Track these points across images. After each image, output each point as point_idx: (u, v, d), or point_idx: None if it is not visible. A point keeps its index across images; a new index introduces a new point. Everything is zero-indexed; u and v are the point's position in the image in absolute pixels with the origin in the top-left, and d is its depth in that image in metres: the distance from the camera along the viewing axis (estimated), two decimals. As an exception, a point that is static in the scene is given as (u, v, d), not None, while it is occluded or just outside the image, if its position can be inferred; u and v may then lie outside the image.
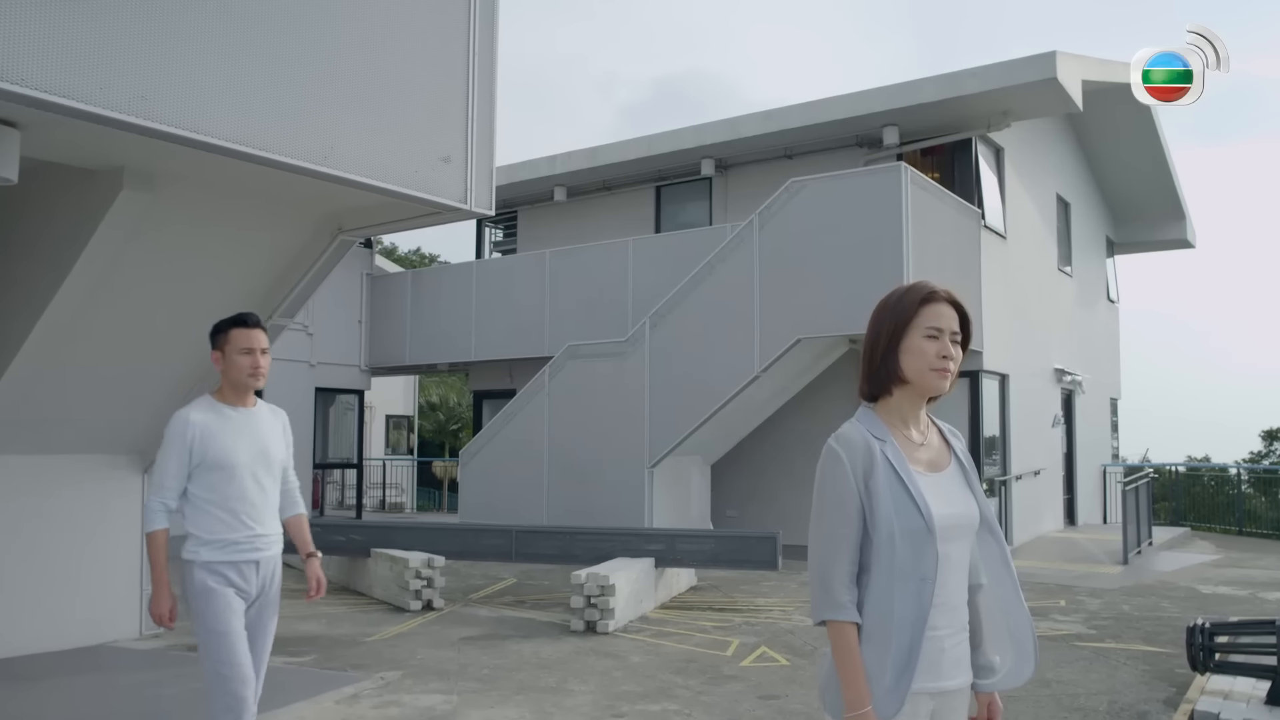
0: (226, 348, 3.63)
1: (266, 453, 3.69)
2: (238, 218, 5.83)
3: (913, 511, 2.09)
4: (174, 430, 3.56)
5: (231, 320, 3.67)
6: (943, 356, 2.16)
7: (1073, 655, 6.95)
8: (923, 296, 2.21)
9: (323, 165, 4.66)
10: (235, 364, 3.61)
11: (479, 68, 5.40)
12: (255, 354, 3.62)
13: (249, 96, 4.40)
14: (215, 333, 3.69)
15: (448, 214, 5.53)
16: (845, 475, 2.12)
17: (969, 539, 2.20)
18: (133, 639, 7.19)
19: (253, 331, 3.65)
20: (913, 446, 2.20)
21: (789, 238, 11.04)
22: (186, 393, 6.89)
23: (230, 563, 3.58)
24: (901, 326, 2.18)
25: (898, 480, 2.11)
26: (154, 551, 3.58)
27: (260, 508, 3.66)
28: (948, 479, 2.21)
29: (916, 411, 2.25)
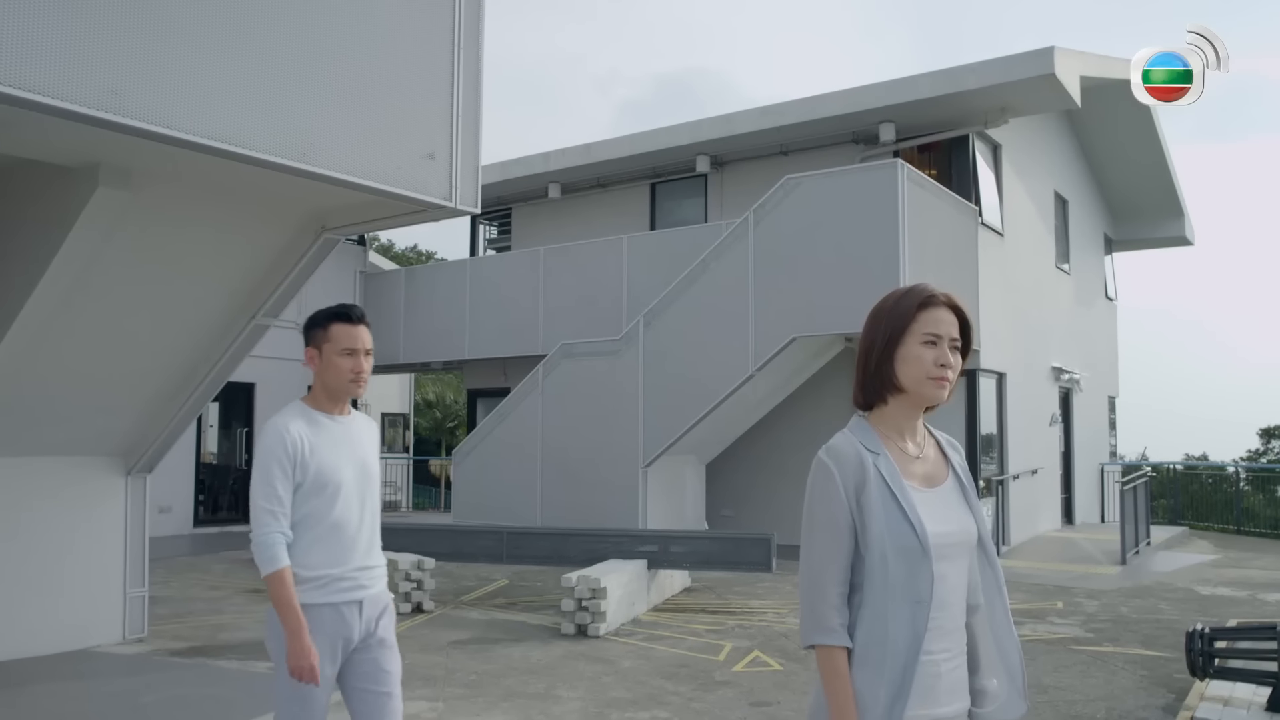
0: (325, 346, 3.04)
1: (368, 469, 3.15)
2: (218, 216, 5.71)
3: (906, 529, 1.97)
4: (271, 442, 2.93)
5: (332, 313, 3.07)
6: (941, 364, 2.05)
7: (1070, 660, 6.85)
8: (921, 300, 2.09)
9: (301, 162, 4.55)
10: (335, 367, 3.02)
11: (464, 62, 5.29)
12: (359, 355, 3.04)
13: (225, 92, 4.29)
14: (312, 327, 3.11)
15: (433, 212, 5.42)
16: (836, 490, 2.00)
17: (967, 558, 2.09)
18: (116, 644, 7.08)
19: (357, 328, 3.07)
20: (908, 459, 2.08)
21: (784, 235, 10.93)
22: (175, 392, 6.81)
23: (330, 605, 2.95)
24: (898, 332, 2.07)
25: (891, 496, 1.99)
26: (283, 593, 2.85)
27: (367, 536, 3.09)
28: (944, 494, 2.09)
29: (913, 422, 2.13)
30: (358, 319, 3.09)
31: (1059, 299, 15.65)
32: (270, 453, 2.92)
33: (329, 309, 3.10)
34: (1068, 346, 15.72)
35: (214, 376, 6.72)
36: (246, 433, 15.60)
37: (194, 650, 7.00)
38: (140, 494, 7.25)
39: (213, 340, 6.52)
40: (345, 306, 3.11)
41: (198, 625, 7.91)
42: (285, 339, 15.71)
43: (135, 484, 7.23)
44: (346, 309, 3.09)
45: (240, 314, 6.42)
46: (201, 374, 6.68)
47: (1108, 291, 18.75)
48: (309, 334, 3.10)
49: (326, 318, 3.07)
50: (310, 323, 3.11)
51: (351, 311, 3.09)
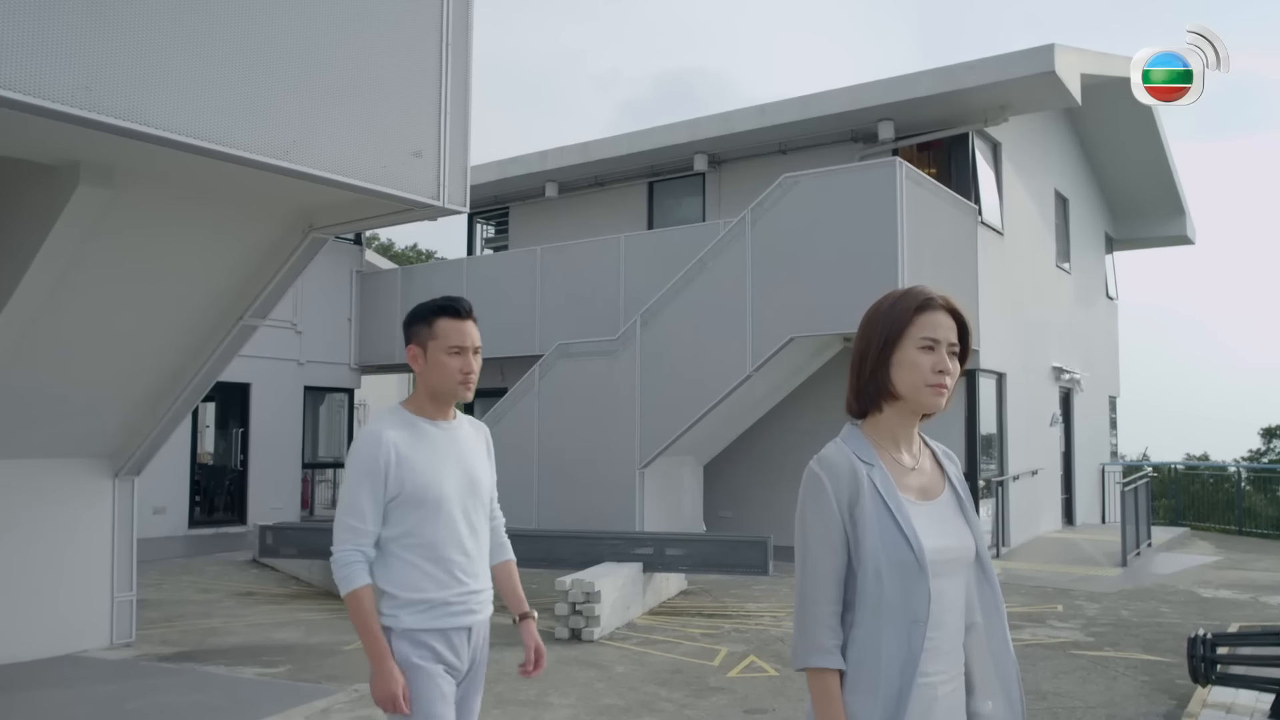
0: (430, 344, 2.72)
1: (476, 481, 2.81)
2: (203, 215, 5.62)
3: (901, 544, 1.88)
4: (363, 452, 2.64)
5: (437, 307, 2.75)
6: (939, 371, 1.95)
7: (1070, 665, 6.75)
8: (918, 304, 1.99)
9: (284, 160, 4.45)
10: (442, 367, 2.70)
11: (452, 59, 5.19)
12: (468, 354, 2.72)
13: (204, 88, 4.19)
14: (414, 323, 2.79)
15: (421, 211, 5.33)
16: (828, 504, 1.91)
17: (964, 574, 1.99)
18: (103, 648, 6.98)
19: (465, 324, 2.74)
20: (903, 471, 1.99)
21: (782, 234, 10.83)
22: (163, 393, 6.72)
23: (438, 631, 2.66)
24: (894, 336, 1.97)
25: (885, 509, 1.90)
26: (363, 616, 2.59)
27: (473, 555, 2.76)
28: (941, 507, 2.00)
29: (909, 431, 2.04)
30: (466, 313, 2.76)
31: (1059, 298, 15.55)
32: (359, 462, 2.63)
33: (434, 302, 2.77)
34: (1068, 346, 15.62)
35: (202, 377, 6.62)
36: (242, 433, 15.52)
37: (182, 655, 6.91)
38: (128, 496, 7.16)
39: (200, 340, 6.43)
40: (452, 299, 2.76)
41: (187, 629, 7.82)
42: (281, 339, 15.72)
43: (123, 486, 7.14)
44: (454, 302, 2.76)
45: (228, 314, 6.32)
46: (190, 375, 6.59)
47: (1108, 290, 18.65)
48: (411, 330, 2.79)
49: (431, 312, 2.75)
50: (413, 317, 2.80)
51: (459, 305, 2.76)
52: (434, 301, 2.78)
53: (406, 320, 2.82)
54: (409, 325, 2.80)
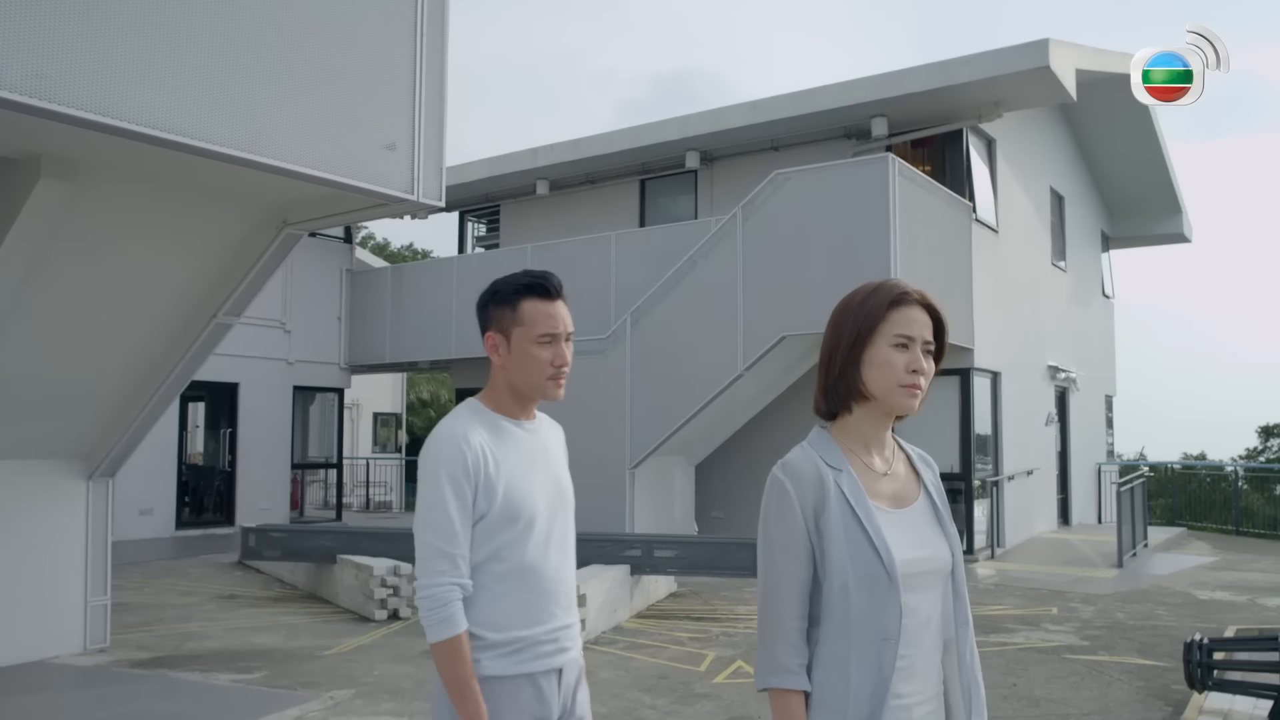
0: (514, 332, 2.21)
1: (563, 492, 2.36)
2: (172, 210, 5.47)
3: (870, 556, 1.74)
4: (445, 456, 2.14)
5: (523, 285, 2.24)
6: (913, 370, 1.82)
7: (1064, 669, 6.62)
8: (892, 298, 1.85)
9: (249, 152, 4.30)
10: (529, 359, 2.21)
11: (428, 48, 5.04)
12: (560, 342, 2.24)
13: (164, 76, 4.04)
14: (494, 303, 2.26)
15: (395, 205, 5.19)
16: (792, 512, 1.77)
17: (940, 587, 1.85)
18: (76, 654, 6.83)
19: (556, 306, 2.24)
20: (874, 476, 1.85)
21: (773, 232, 10.70)
22: (136, 393, 6.56)
23: (526, 676, 2.17)
24: (866, 333, 1.83)
25: (854, 518, 1.76)
26: (458, 670, 2.07)
27: (566, 581, 2.31)
28: (915, 516, 1.86)
29: (880, 434, 1.90)
30: (556, 292, 2.25)
31: (1055, 297, 15.42)
32: (444, 471, 2.11)
33: (516, 279, 2.25)
34: (1064, 345, 15.49)
35: (176, 377, 6.48)
36: (230, 433, 15.36)
37: (156, 661, 6.76)
38: (103, 498, 7.02)
39: (173, 339, 6.28)
40: (539, 275, 2.25)
41: (164, 634, 7.67)
42: (269, 338, 15.57)
43: (98, 488, 6.99)
44: (542, 279, 2.24)
45: (201, 312, 6.17)
46: (163, 374, 6.44)
47: (1105, 289, 18.52)
48: (489, 313, 2.26)
49: (515, 291, 2.22)
50: (492, 298, 2.26)
51: (549, 282, 2.24)
52: (517, 278, 2.25)
53: (483, 300, 2.29)
54: (486, 307, 2.27)
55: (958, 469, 11.88)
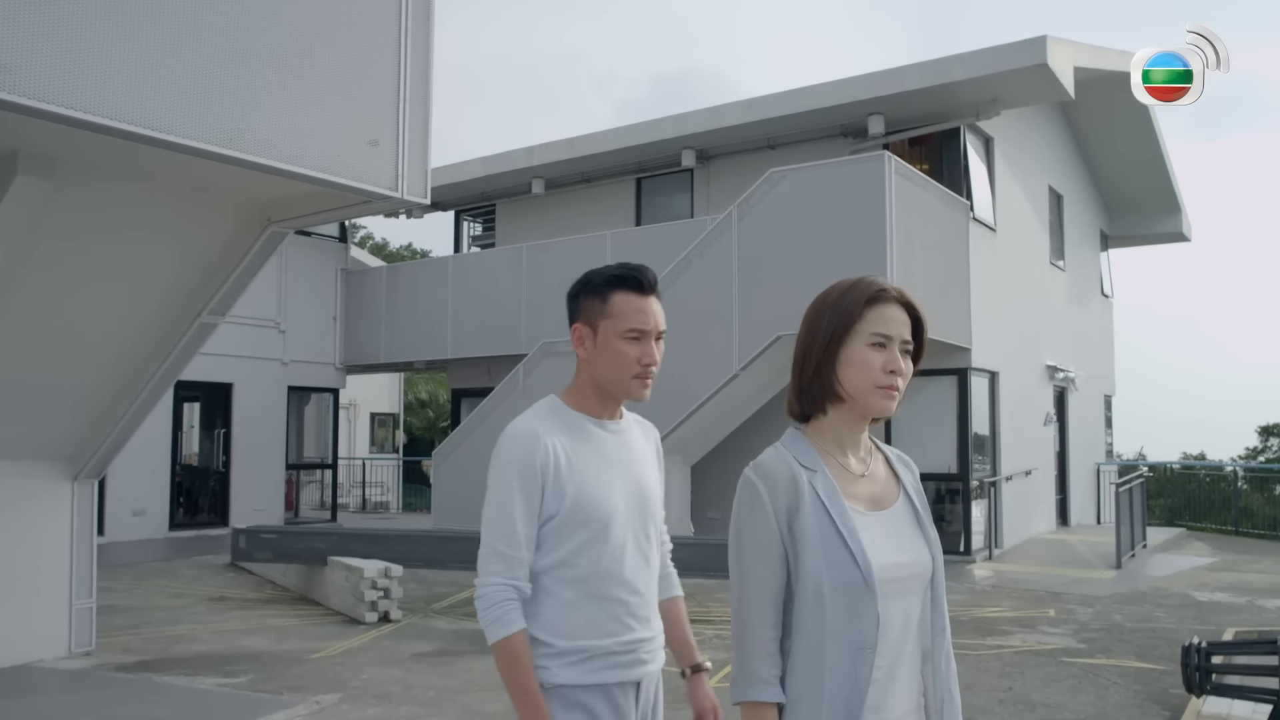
0: (602, 324, 2.11)
1: (648, 498, 2.22)
2: (155, 208, 5.39)
3: (846, 561, 1.66)
4: (515, 455, 2.06)
5: (614, 277, 2.14)
6: (890, 371, 1.73)
7: (1061, 673, 6.53)
8: (869, 295, 1.76)
9: (227, 148, 4.22)
10: (616, 355, 2.10)
11: (412, 42, 4.96)
12: (649, 340, 2.11)
13: (139, 70, 3.96)
14: (583, 294, 2.17)
15: (379, 203, 5.10)
16: (765, 516, 1.68)
17: (920, 594, 1.77)
18: (60, 658, 6.75)
19: (648, 301, 2.12)
20: (850, 478, 1.77)
21: (769, 230, 10.62)
22: (120, 393, 6.48)
23: (600, 687, 2.06)
24: (842, 331, 1.75)
25: (829, 521, 1.68)
26: (519, 671, 1.99)
27: (644, 592, 2.19)
28: (893, 519, 1.78)
29: (856, 436, 1.82)
30: (650, 287, 2.13)
31: (1053, 296, 15.33)
32: (512, 471, 2.03)
33: (609, 271, 2.15)
34: (1062, 344, 15.41)
35: (162, 377, 6.39)
36: (224, 434, 15.28)
37: (141, 665, 6.68)
38: (88, 500, 6.93)
39: (157, 339, 6.19)
40: (632, 268, 2.13)
41: (151, 637, 7.59)
42: (264, 338, 15.49)
43: (83, 490, 6.90)
44: (635, 271, 2.13)
45: (185, 311, 6.09)
46: (148, 374, 6.35)
47: (1103, 288, 18.44)
48: (578, 304, 2.16)
49: (606, 283, 2.12)
50: (583, 288, 2.17)
51: (642, 275, 2.12)
52: (609, 270, 2.16)
53: (574, 290, 2.18)
54: (576, 297, 2.17)
55: (955, 469, 11.80)
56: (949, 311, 11.43)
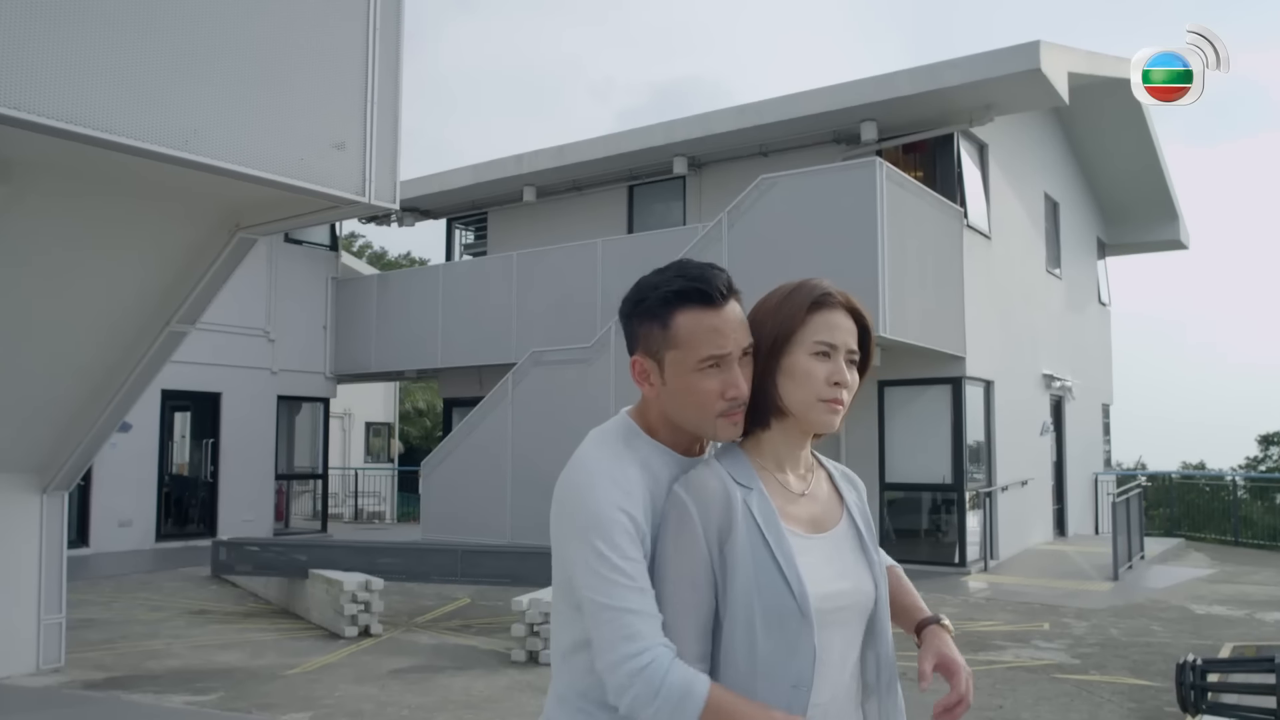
0: (668, 356, 1.62)
1: None
2: (120, 213, 5.25)
3: (781, 589, 1.50)
4: (602, 501, 1.55)
5: (676, 292, 1.61)
6: (835, 383, 1.58)
7: (1052, 690, 6.36)
8: (812, 300, 1.61)
9: (184, 151, 4.08)
10: (691, 392, 1.61)
11: (380, 43, 4.83)
12: (732, 363, 1.60)
13: (88, 68, 3.82)
14: (639, 317, 1.66)
15: (346, 208, 4.96)
16: (694, 537, 1.52)
17: (860, 624, 1.62)
18: (28, 674, 6.58)
19: (722, 314, 1.61)
20: (789, 497, 1.62)
21: (759, 238, 10.48)
22: (89, 404, 6.33)
23: None
24: (783, 339, 1.60)
25: (763, 544, 1.52)
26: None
27: None
28: (834, 542, 1.62)
29: (797, 451, 1.66)
30: (723, 294, 1.61)
31: (1049, 304, 15.19)
32: (603, 514, 1.53)
33: (666, 280, 1.63)
34: (1059, 353, 15.26)
35: (131, 386, 6.24)
36: (212, 444, 15.14)
37: (110, 682, 6.51)
38: (57, 512, 6.77)
39: (126, 348, 6.04)
40: (696, 275, 1.62)
41: (125, 652, 7.42)
42: (253, 347, 15.36)
43: (52, 502, 6.74)
44: (700, 279, 1.61)
45: (154, 320, 5.94)
46: (117, 384, 6.20)
47: (1101, 296, 18.30)
48: (633, 330, 1.68)
49: (663, 301, 1.61)
50: (636, 309, 1.66)
51: (710, 283, 1.60)
52: (667, 279, 1.63)
53: (626, 310, 1.68)
54: (630, 319, 1.67)
55: (949, 479, 11.65)
56: (942, 320, 11.29)
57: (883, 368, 11.59)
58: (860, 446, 12.16)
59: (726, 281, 1.63)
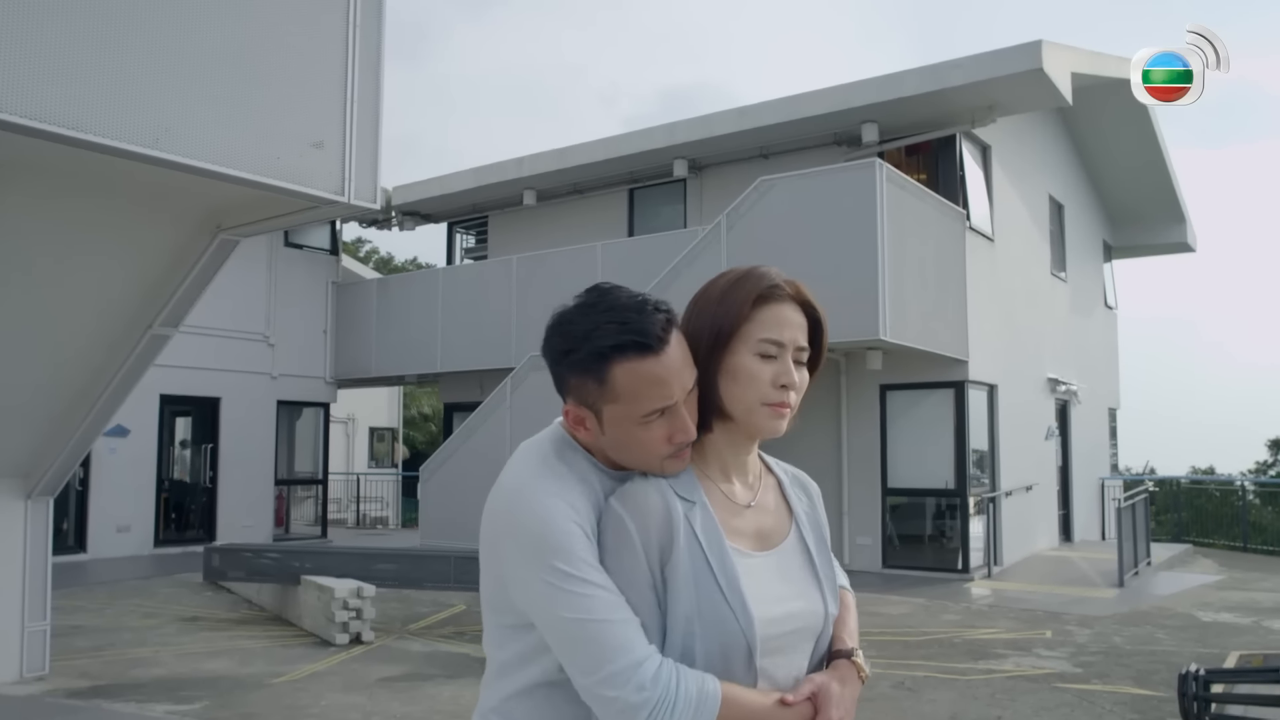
0: (607, 411, 1.45)
1: None
2: (96, 214, 5.16)
3: (724, 613, 1.38)
4: (547, 521, 1.41)
5: (609, 346, 1.43)
6: (781, 385, 1.45)
7: (1053, 700, 6.22)
8: (758, 293, 1.47)
9: (154, 149, 3.98)
10: (634, 443, 1.46)
11: (361, 39, 4.73)
12: (678, 410, 1.45)
13: (54, 64, 3.73)
14: (572, 369, 1.47)
15: (326, 208, 4.86)
16: (633, 556, 1.39)
17: (809, 644, 1.49)
18: (11, 683, 6.49)
19: (663, 359, 1.43)
20: (734, 509, 1.48)
21: (758, 240, 10.38)
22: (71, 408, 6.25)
23: None
24: (725, 335, 1.46)
25: (705, 565, 1.39)
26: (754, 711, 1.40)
27: None
28: (782, 559, 1.49)
29: (743, 457, 1.53)
30: (661, 339, 1.43)
31: (1054, 307, 15.03)
32: (555, 531, 1.39)
33: (600, 328, 1.43)
34: (1064, 357, 15.10)
35: (114, 391, 6.15)
36: (211, 449, 15.07)
37: (94, 690, 6.41)
38: (42, 519, 6.68)
39: (108, 351, 5.96)
40: (631, 319, 1.43)
41: (112, 659, 7.33)
42: (252, 352, 15.30)
43: (36, 508, 6.65)
44: (642, 328, 1.42)
45: (135, 323, 5.85)
46: (100, 387, 6.11)
47: (1107, 300, 18.13)
48: (564, 377, 1.49)
49: (597, 356, 1.43)
50: (564, 356, 1.47)
51: (649, 331, 1.42)
52: (599, 325, 1.43)
53: (554, 356, 1.50)
54: (560, 367, 1.49)
55: (953, 485, 11.50)
56: (944, 322, 11.15)
57: (885, 371, 11.47)
58: (862, 451, 12.04)
59: (665, 321, 1.44)
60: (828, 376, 12.02)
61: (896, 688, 6.46)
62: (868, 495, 11.97)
